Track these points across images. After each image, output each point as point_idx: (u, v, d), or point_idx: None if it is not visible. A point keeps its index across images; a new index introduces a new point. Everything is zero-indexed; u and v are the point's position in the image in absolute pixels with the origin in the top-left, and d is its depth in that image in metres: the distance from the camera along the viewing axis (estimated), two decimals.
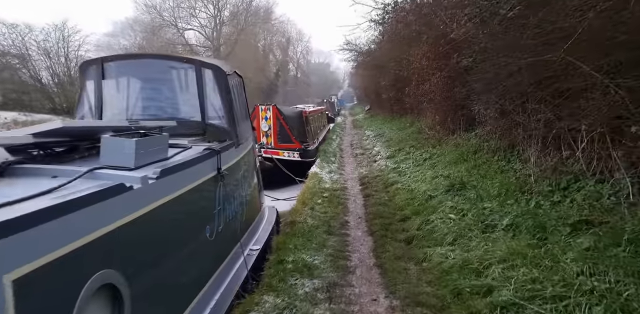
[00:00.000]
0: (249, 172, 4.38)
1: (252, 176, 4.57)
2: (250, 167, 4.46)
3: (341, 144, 14.18)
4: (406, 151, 9.24)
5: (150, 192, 1.98)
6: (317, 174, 8.09)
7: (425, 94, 9.24)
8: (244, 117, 4.48)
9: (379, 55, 18.52)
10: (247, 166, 4.27)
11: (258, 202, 4.71)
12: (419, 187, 5.76)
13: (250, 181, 4.35)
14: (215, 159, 3.03)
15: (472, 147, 6.41)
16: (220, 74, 3.67)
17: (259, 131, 9.84)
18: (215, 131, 3.65)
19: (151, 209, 1.99)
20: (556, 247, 2.61)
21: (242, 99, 4.51)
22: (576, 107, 3.62)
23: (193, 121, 3.65)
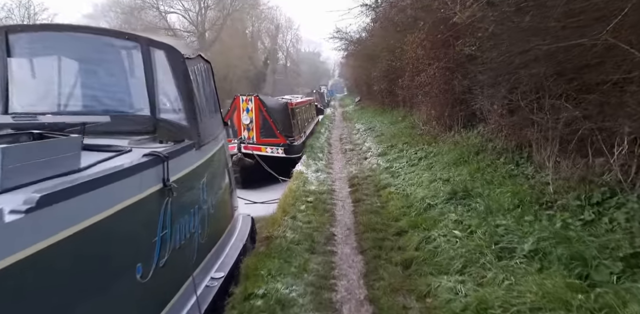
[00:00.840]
0: (217, 177, 3.62)
1: (222, 182, 3.80)
2: (219, 171, 3.69)
3: (330, 138, 13.45)
4: (399, 148, 8.57)
5: (17, 232, 1.22)
6: (302, 174, 7.36)
7: (420, 86, 8.53)
8: (212, 111, 3.68)
9: (370, 44, 17.67)
10: (215, 170, 3.50)
11: (228, 213, 3.96)
12: (416, 192, 5.10)
13: (218, 188, 3.59)
14: (161, 168, 2.25)
15: (473, 146, 5.76)
16: (176, 56, 2.86)
17: (240, 124, 9.00)
18: (169, 129, 2.87)
19: (25, 257, 1.23)
20: (610, 293, 1.96)
21: (209, 89, 3.70)
22: (614, 104, 2.95)
23: (139, 116, 2.85)
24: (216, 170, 3.57)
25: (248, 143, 8.28)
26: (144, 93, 2.85)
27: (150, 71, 2.83)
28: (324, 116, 23.15)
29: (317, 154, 9.57)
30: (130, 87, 2.95)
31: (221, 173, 3.81)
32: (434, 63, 7.39)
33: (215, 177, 3.52)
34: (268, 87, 48.51)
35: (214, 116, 3.78)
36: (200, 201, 2.95)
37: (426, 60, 7.77)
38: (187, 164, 2.74)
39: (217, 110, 4.04)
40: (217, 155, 3.64)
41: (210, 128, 3.45)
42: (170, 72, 2.90)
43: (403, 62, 11.11)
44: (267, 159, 8.45)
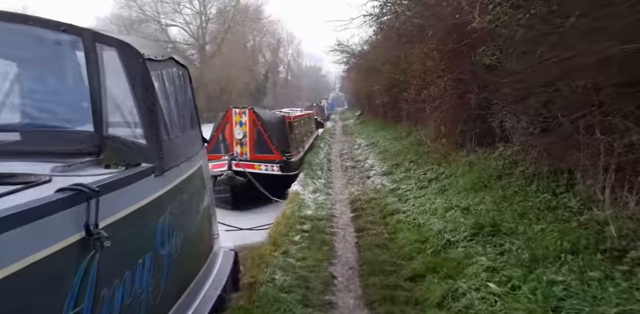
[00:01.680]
0: (190, 208, 2.85)
1: (196, 213, 3.03)
2: (193, 200, 2.93)
3: (330, 154, 12.73)
4: (405, 167, 7.83)
5: None
6: (298, 195, 6.59)
7: (428, 100, 7.88)
8: (187, 127, 2.95)
9: (372, 57, 17.24)
10: (187, 199, 2.74)
11: (202, 252, 3.17)
12: (430, 223, 4.32)
13: (190, 221, 2.81)
14: (84, 209, 1.48)
15: (494, 169, 5.02)
16: (132, 56, 2.14)
17: (232, 139, 8.29)
18: (120, 149, 2.12)
19: None
20: None
21: (184, 99, 2.98)
22: None
23: (78, 132, 2.12)
24: (188, 199, 2.80)
25: (240, 160, 7.55)
26: (86, 102, 2.13)
27: (96, 74, 2.11)
28: (324, 129, 22.53)
29: (315, 171, 8.82)
30: (67, 94, 2.24)
31: (196, 202, 3.04)
32: (444, 75, 6.76)
33: (187, 209, 2.75)
34: (268, 101, 48.29)
35: (190, 132, 3.05)
36: (156, 245, 2.17)
37: (435, 73, 7.15)
38: (136, 198, 1.98)
39: (195, 125, 3.30)
40: (191, 180, 2.88)
41: (183, 147, 2.71)
42: (125, 77, 2.19)
43: (408, 75, 10.54)
44: (261, 177, 7.70)
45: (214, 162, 7.70)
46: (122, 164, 2.06)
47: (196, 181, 3.05)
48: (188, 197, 2.78)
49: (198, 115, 3.42)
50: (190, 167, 2.88)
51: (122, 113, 2.34)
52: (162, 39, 33.53)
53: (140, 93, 2.16)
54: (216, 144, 8.39)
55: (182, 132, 2.78)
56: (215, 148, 8.35)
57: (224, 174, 7.00)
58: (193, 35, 36.13)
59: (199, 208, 3.10)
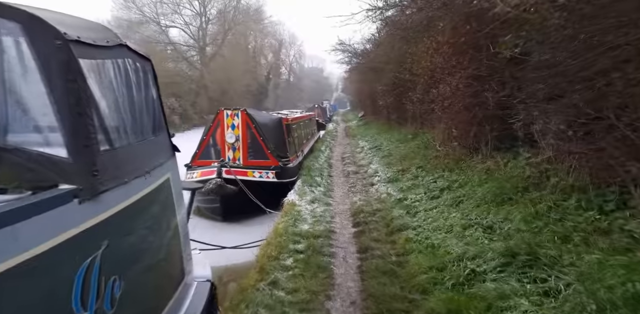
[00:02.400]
0: (148, 238, 2.17)
1: (158, 241, 2.34)
2: (155, 225, 2.25)
3: (330, 158, 12.04)
4: (413, 173, 7.13)
5: None
6: (294, 206, 5.92)
7: (437, 100, 7.20)
8: (147, 132, 2.28)
9: (375, 56, 16.57)
10: (145, 226, 2.06)
11: (169, 286, 2.48)
12: (447, 244, 3.63)
13: (146, 257, 2.13)
14: None
15: (519, 179, 4.31)
16: (48, 36, 1.47)
17: (223, 144, 7.64)
18: (26, 165, 1.47)
19: None
20: None
21: (143, 98, 2.31)
22: None
23: None
24: (145, 225, 2.12)
25: (231, 166, 6.88)
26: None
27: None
28: (325, 131, 21.87)
29: (314, 178, 8.14)
30: None
31: (159, 226, 2.36)
32: (456, 72, 6.07)
33: (140, 240, 2.08)
34: (270, 102, 47.78)
35: (151, 139, 2.37)
36: (71, 299, 1.49)
37: (446, 70, 6.46)
38: (43, 236, 1.31)
39: (160, 130, 2.61)
40: (150, 199, 2.20)
41: (137, 159, 2.04)
42: (37, 64, 1.52)
43: (414, 74, 9.87)
44: (255, 185, 7.03)
45: (203, 169, 7.06)
46: (28, 186, 1.39)
47: (159, 199, 2.36)
48: (144, 223, 2.09)
49: (165, 118, 2.73)
50: (149, 183, 2.20)
51: (33, 115, 1.67)
52: (162, 41, 33.08)
53: (61, 87, 1.49)
54: (206, 149, 7.75)
55: (138, 139, 2.10)
56: (205, 154, 7.72)
57: (213, 182, 6.34)
58: (193, 37, 35.62)
59: (162, 234, 2.40)
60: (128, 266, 1.78)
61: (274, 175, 7.56)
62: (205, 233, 6.50)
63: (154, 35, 32.02)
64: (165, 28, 33.89)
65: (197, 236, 6.43)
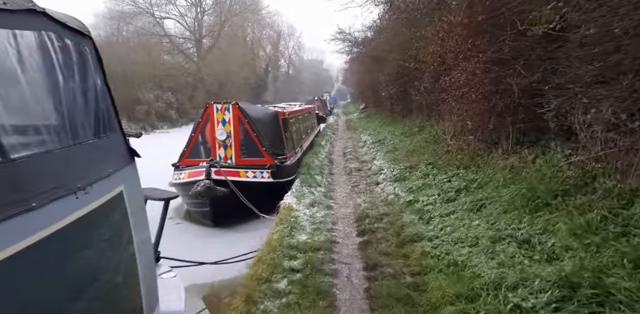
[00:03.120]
0: (86, 276, 1.50)
1: (103, 283, 1.67)
2: (96, 255, 1.57)
3: (331, 153, 11.36)
4: (422, 170, 6.45)
5: None
6: (291, 211, 5.26)
7: (449, 89, 6.46)
8: (87, 133, 1.58)
9: (377, 44, 15.73)
10: (77, 258, 1.40)
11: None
12: (475, 263, 2.96)
13: (87, 300, 1.47)
14: None
15: (554, 179, 3.63)
16: None
17: (214, 141, 6.96)
18: None
19: None
20: None
21: (79, 87, 1.61)
22: None
23: None
24: (74, 259, 1.45)
25: (222, 166, 6.21)
26: None
27: None
28: (326, 124, 21.14)
29: (314, 176, 7.47)
30: None
31: (101, 258, 1.69)
32: (472, 56, 5.33)
33: (67, 282, 1.41)
34: (269, 95, 46.89)
35: (94, 142, 1.67)
36: None
37: (460, 54, 5.72)
38: None
39: (111, 129, 1.90)
40: (86, 223, 1.52)
41: (68, 171, 1.38)
42: None
43: (421, 61, 9.10)
44: (249, 187, 6.38)
45: (191, 169, 6.40)
46: None
47: (103, 221, 1.69)
48: (75, 257, 1.42)
49: (118, 114, 2.02)
50: (86, 202, 1.52)
51: None
52: (157, 33, 32.13)
53: None
54: (195, 148, 7.07)
55: (66, 144, 1.42)
56: (193, 152, 7.05)
57: (201, 184, 5.69)
58: (189, 28, 34.64)
59: (108, 265, 1.72)
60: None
61: (269, 175, 6.89)
62: (195, 240, 5.90)
63: (149, 27, 31.06)
64: (160, 19, 32.92)
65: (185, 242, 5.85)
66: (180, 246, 5.39)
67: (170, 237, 5.96)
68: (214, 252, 4.78)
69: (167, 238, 5.55)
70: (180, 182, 6.37)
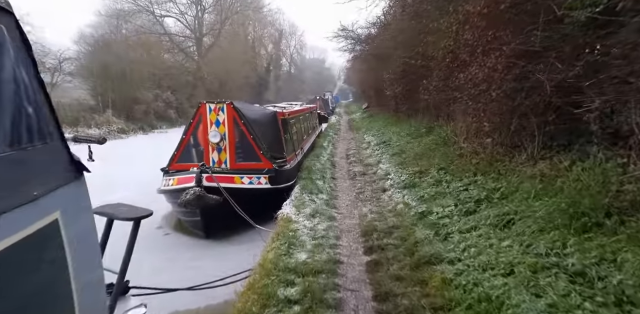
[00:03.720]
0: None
1: None
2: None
3: (334, 155, 10.79)
4: (434, 176, 5.88)
5: None
6: (290, 223, 4.71)
7: (464, 86, 5.89)
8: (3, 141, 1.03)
9: (381, 41, 15.14)
10: None
11: None
12: (516, 302, 2.39)
13: None
14: None
15: (602, 192, 3.05)
16: None
17: (206, 144, 6.41)
18: None
19: None
20: None
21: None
22: None
23: None
24: None
25: (214, 172, 5.65)
26: None
27: None
28: (328, 124, 20.58)
29: (315, 182, 6.92)
30: None
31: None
32: (493, 50, 4.75)
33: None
34: (271, 94, 46.33)
35: (12, 153, 1.10)
36: None
37: (479, 47, 5.13)
38: None
39: (48, 137, 1.33)
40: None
41: None
42: None
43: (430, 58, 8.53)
44: (245, 194, 5.82)
45: (180, 175, 5.86)
46: None
47: (27, 261, 1.14)
48: None
49: (55, 116, 1.44)
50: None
51: None
52: (156, 31, 31.60)
53: None
54: (186, 151, 6.52)
55: None
56: (184, 156, 6.50)
57: (190, 192, 5.14)
58: (189, 27, 34.09)
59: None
60: None
61: (267, 180, 6.33)
62: (184, 253, 5.33)
63: (148, 26, 30.55)
64: (160, 17, 32.39)
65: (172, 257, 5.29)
66: (166, 262, 4.86)
67: (156, 251, 5.41)
68: (205, 267, 4.26)
69: (154, 251, 4.99)
70: (169, 189, 5.83)
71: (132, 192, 7.54)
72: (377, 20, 15.33)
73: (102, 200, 2.20)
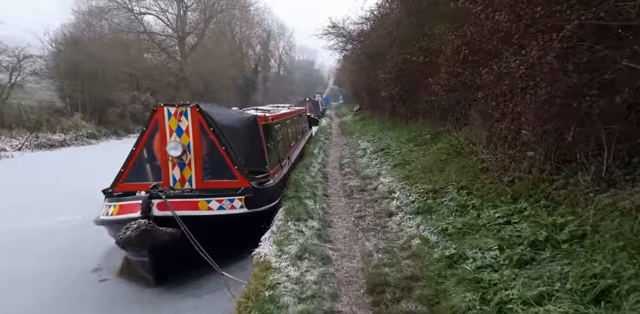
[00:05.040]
0: None
1: None
2: None
3: (325, 165, 9.47)
4: (454, 199, 4.61)
5: None
6: (268, 271, 3.36)
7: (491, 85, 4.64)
8: None
9: (377, 36, 13.93)
10: None
11: None
12: None
13: None
14: None
15: None
16: None
17: (164, 157, 4.99)
18: None
19: None
20: None
21: None
22: None
23: None
24: None
25: (169, 196, 4.24)
26: None
27: None
28: (318, 128, 19.28)
29: (304, 202, 5.58)
30: None
31: None
32: (545, 33, 3.50)
33: None
34: (259, 96, 44.81)
35: None
36: None
37: (522, 29, 3.88)
38: None
39: None
40: None
41: None
42: None
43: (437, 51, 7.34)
44: (213, 224, 4.46)
45: (124, 201, 4.46)
46: None
47: None
48: None
49: None
50: None
51: None
52: (135, 29, 29.85)
53: None
54: (137, 167, 5.09)
55: None
56: (135, 173, 5.06)
57: (132, 227, 3.74)
58: (171, 25, 32.38)
59: None
60: None
61: (242, 203, 4.94)
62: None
63: (126, 24, 28.79)
64: (139, 15, 30.64)
65: None
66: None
67: (79, 310, 3.84)
68: None
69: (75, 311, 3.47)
70: (108, 220, 4.42)
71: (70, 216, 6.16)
72: (370, 14, 14.11)
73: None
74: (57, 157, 14.02)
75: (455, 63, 6.41)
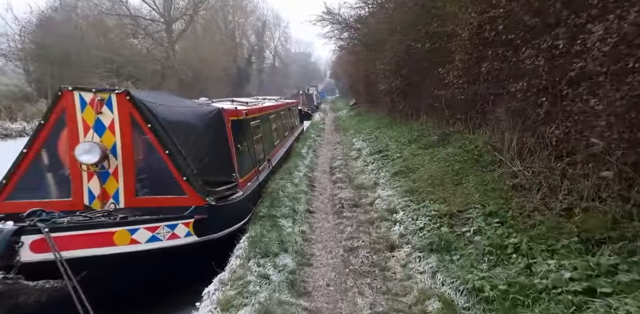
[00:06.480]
0: None
1: None
2: None
3: (313, 168, 8.09)
4: (482, 230, 3.29)
5: None
6: None
7: (551, 69, 3.30)
8: None
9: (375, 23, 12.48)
10: None
11: None
12: None
13: None
14: None
15: None
16: None
17: (75, 165, 3.55)
18: None
19: None
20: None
21: None
22: None
23: None
24: None
25: (57, 228, 2.84)
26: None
27: None
28: (310, 123, 17.86)
29: (279, 224, 4.22)
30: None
31: None
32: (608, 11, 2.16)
33: None
34: (253, 88, 43.09)
35: None
36: None
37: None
38: None
39: None
40: None
41: None
42: None
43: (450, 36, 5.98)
44: (140, 264, 3.11)
45: None
46: None
47: None
48: None
49: None
50: None
51: None
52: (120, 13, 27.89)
53: None
54: (30, 177, 3.62)
55: None
56: (26, 185, 3.61)
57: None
58: (157, 9, 30.40)
59: None
60: None
61: (190, 229, 3.56)
62: None
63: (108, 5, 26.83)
64: None
65: None
66: None
67: None
68: None
69: None
70: None
71: None
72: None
73: None
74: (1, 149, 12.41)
75: (474, 47, 5.06)
